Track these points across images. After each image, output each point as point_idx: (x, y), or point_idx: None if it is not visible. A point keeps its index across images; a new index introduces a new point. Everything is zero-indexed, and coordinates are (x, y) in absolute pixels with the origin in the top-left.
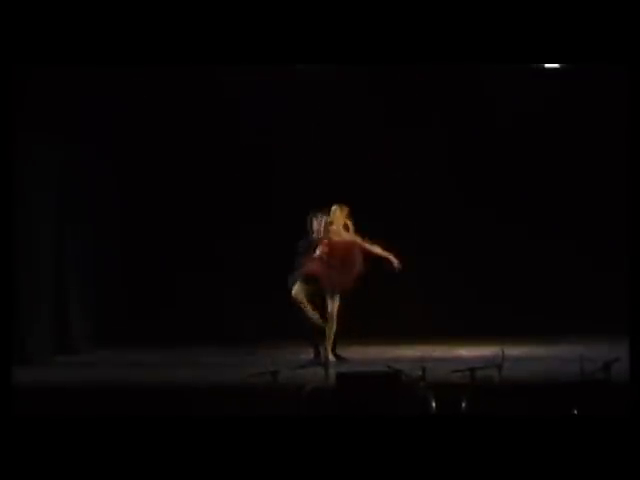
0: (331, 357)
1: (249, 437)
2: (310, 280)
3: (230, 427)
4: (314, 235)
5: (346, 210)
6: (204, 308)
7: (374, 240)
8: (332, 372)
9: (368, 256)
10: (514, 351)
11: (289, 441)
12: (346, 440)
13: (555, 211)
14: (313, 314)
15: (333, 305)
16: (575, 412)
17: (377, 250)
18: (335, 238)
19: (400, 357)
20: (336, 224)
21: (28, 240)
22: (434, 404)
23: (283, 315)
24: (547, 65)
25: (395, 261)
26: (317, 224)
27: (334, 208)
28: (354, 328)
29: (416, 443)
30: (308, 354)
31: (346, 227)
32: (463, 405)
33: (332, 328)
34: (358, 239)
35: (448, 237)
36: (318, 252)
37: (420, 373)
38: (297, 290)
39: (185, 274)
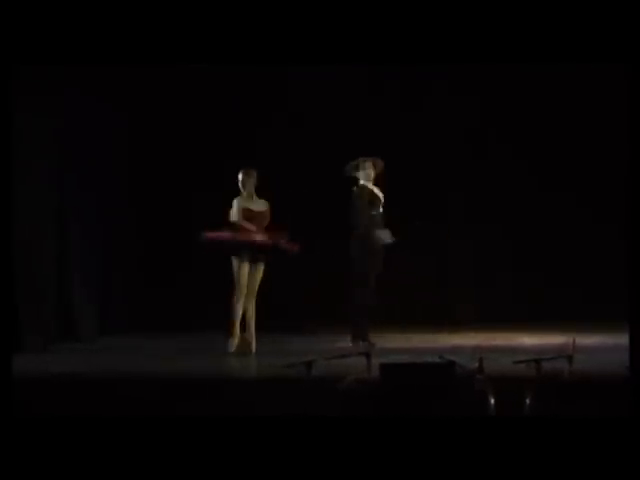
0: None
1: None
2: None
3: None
4: None
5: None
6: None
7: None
8: (375, 363)
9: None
10: (587, 340)
11: (320, 442)
12: (388, 444)
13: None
14: None
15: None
16: None
17: None
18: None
19: (454, 346)
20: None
21: (29, 227)
22: (493, 401)
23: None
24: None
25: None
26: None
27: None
28: (396, 314)
29: (468, 445)
30: (347, 342)
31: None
32: (527, 403)
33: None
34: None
35: (511, 220)
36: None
37: (477, 365)
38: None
39: (199, 255)
